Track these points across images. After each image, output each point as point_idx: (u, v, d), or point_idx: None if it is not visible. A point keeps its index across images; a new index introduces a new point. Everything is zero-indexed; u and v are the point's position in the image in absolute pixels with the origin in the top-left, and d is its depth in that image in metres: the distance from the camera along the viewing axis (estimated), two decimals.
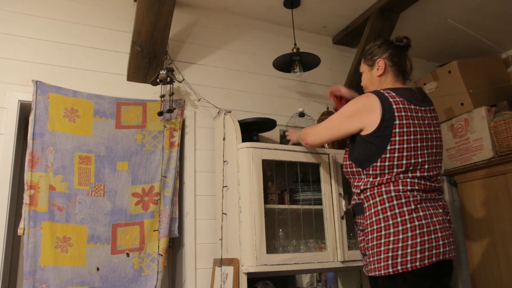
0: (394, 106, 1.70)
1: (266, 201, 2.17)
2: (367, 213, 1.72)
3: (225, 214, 2.27)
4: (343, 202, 2.30)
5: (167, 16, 2.34)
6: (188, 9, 2.79)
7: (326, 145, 2.54)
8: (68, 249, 2.10)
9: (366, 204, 1.74)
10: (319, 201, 2.31)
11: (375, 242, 1.66)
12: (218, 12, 2.90)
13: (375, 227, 1.67)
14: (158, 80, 2.40)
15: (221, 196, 2.37)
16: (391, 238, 1.61)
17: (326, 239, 2.24)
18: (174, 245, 2.58)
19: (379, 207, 1.67)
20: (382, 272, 1.62)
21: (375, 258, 1.65)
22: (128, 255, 2.22)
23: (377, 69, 1.89)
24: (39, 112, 2.18)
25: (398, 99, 1.72)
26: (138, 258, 2.23)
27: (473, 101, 3.01)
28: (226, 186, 2.29)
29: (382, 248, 1.63)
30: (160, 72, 2.40)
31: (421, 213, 1.64)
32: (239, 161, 2.16)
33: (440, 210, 1.71)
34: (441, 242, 1.62)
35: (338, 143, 2.54)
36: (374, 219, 1.68)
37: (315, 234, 2.39)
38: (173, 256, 2.61)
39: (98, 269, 2.13)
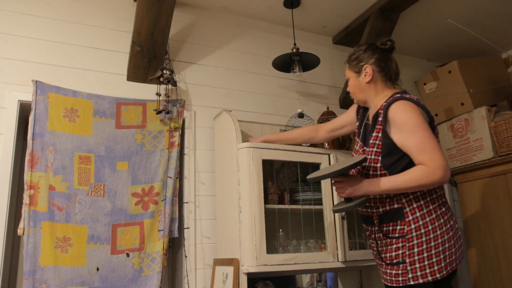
0: (428, 111, 1.73)
1: (266, 201, 2.17)
2: (410, 218, 1.65)
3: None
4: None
5: (167, 16, 2.34)
6: (188, 9, 2.79)
7: (326, 144, 2.54)
8: (68, 249, 2.09)
9: (408, 208, 1.66)
10: (319, 201, 2.31)
11: (424, 247, 1.60)
12: (218, 12, 2.90)
13: (422, 230, 1.62)
14: (161, 79, 2.40)
15: (221, 196, 2.37)
16: (439, 240, 1.60)
17: (326, 239, 2.24)
18: (174, 245, 2.57)
19: (425, 210, 1.64)
20: (438, 275, 1.57)
21: (425, 263, 1.59)
22: (128, 255, 2.21)
23: (365, 76, 1.84)
24: (39, 112, 2.18)
25: (423, 103, 1.74)
26: (138, 258, 2.23)
27: (473, 101, 3.01)
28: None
29: (434, 252, 1.59)
30: (164, 72, 2.39)
31: (450, 213, 1.70)
32: (239, 161, 2.16)
33: None
34: (462, 240, 1.71)
35: (338, 143, 2.54)
36: (421, 222, 1.63)
37: (315, 234, 2.38)
38: (173, 256, 2.60)
39: (98, 269, 2.13)
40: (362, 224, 1.90)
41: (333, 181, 1.82)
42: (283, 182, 2.42)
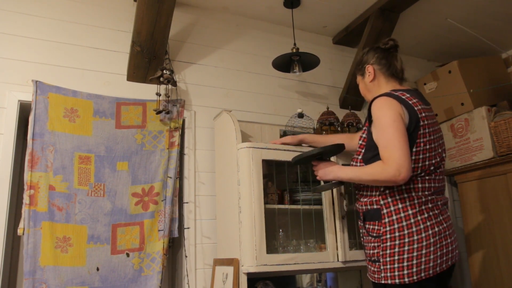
0: (416, 108, 1.67)
1: (266, 201, 2.17)
2: (386, 220, 1.66)
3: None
4: (344, 202, 2.30)
5: (167, 16, 2.34)
6: (188, 9, 2.79)
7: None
8: (68, 249, 2.09)
9: (385, 211, 1.67)
10: (319, 201, 2.31)
11: (396, 250, 1.61)
12: (218, 12, 2.90)
13: (396, 234, 1.62)
14: (161, 79, 2.40)
15: (221, 196, 2.37)
16: (415, 246, 1.59)
17: (326, 239, 2.24)
18: (174, 245, 2.58)
19: (402, 214, 1.63)
20: (407, 279, 1.58)
21: (395, 265, 1.61)
22: (128, 255, 2.21)
23: (368, 75, 1.88)
24: (39, 112, 2.18)
25: (414, 100, 1.69)
26: (138, 258, 2.23)
27: (473, 101, 3.01)
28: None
29: (406, 256, 1.60)
30: (164, 72, 2.40)
31: (440, 218, 1.66)
32: (239, 161, 2.16)
33: (448, 212, 1.73)
34: (454, 246, 1.67)
35: None
36: (396, 226, 1.63)
37: (315, 234, 2.39)
38: (173, 256, 2.60)
39: (98, 269, 2.13)
40: None
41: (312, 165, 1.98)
42: (283, 182, 2.42)
